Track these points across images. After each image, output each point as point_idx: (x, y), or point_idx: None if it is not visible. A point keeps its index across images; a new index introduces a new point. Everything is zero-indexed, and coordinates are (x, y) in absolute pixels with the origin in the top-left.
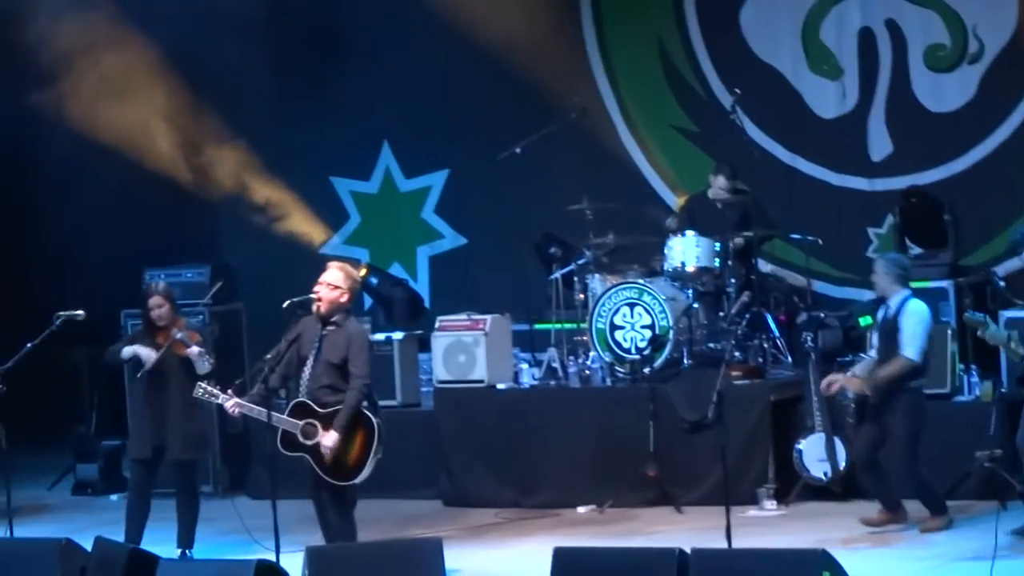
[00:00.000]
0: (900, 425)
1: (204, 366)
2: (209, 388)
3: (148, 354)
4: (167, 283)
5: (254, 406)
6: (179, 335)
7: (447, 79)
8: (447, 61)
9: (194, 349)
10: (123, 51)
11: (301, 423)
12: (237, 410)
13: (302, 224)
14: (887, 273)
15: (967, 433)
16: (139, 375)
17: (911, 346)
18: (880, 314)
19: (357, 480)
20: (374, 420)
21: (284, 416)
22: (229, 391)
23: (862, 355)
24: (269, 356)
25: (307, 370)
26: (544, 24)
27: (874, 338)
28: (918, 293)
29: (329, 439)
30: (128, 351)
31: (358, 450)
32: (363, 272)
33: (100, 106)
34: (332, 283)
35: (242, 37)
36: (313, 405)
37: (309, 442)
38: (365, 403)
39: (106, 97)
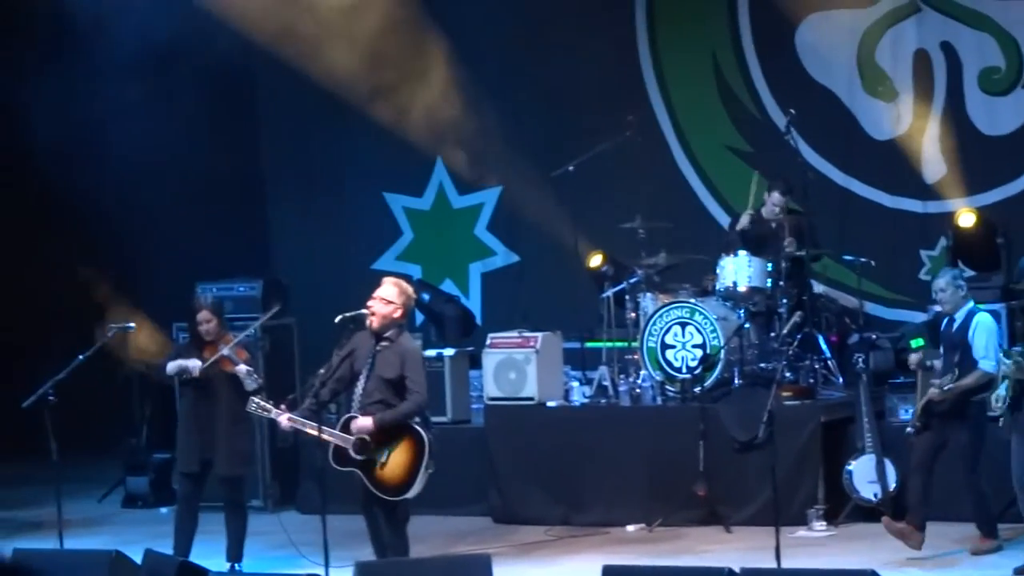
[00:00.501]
0: (966, 436)
1: (251, 384)
2: (262, 403)
3: (193, 364)
4: (216, 298)
5: (306, 421)
6: (226, 351)
7: (502, 96)
8: (501, 79)
9: (242, 367)
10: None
11: (353, 438)
12: (289, 425)
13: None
14: (955, 288)
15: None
16: (185, 388)
17: (988, 359)
18: (944, 327)
19: (408, 495)
20: (425, 435)
21: (336, 431)
22: (282, 406)
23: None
24: (322, 371)
25: (359, 386)
26: (599, 42)
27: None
28: None
29: (363, 421)
30: (172, 367)
31: (409, 465)
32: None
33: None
34: (386, 298)
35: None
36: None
37: (361, 457)
38: (417, 419)
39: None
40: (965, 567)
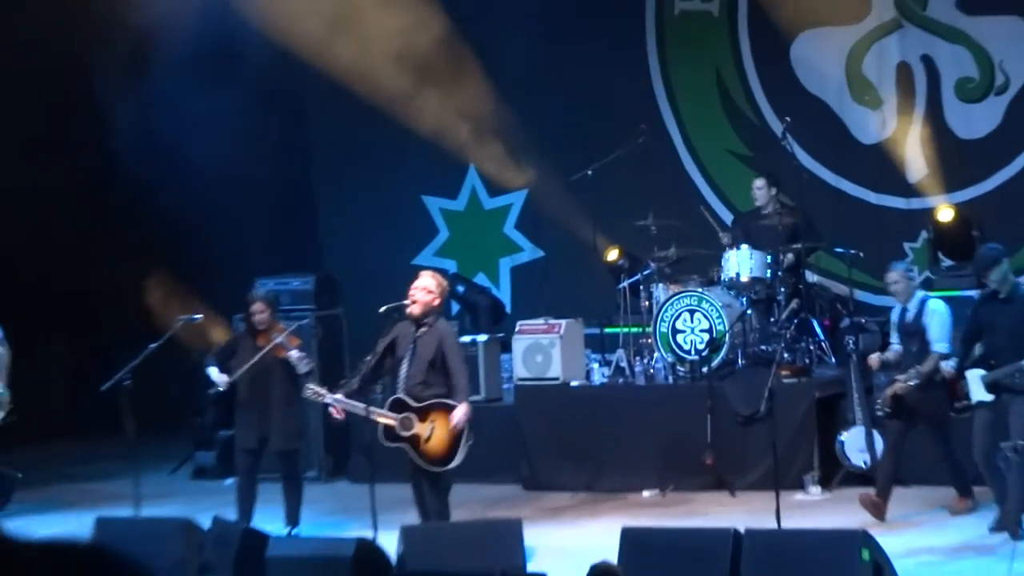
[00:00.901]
0: (936, 415)
1: (303, 367)
2: (316, 388)
3: (220, 378)
4: (268, 290)
5: (356, 403)
6: (279, 339)
7: (527, 109)
8: (527, 94)
9: (294, 353)
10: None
11: (400, 416)
12: (341, 407)
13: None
14: (907, 280)
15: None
16: (243, 374)
17: (942, 342)
18: (897, 316)
19: (452, 466)
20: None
21: (384, 411)
22: (337, 392)
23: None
24: (368, 357)
25: (403, 369)
26: (613, 59)
27: (894, 338)
28: (950, 302)
29: (460, 411)
30: (209, 371)
31: (451, 438)
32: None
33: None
34: (427, 288)
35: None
36: (409, 400)
37: (407, 433)
38: (453, 398)
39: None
40: (945, 526)
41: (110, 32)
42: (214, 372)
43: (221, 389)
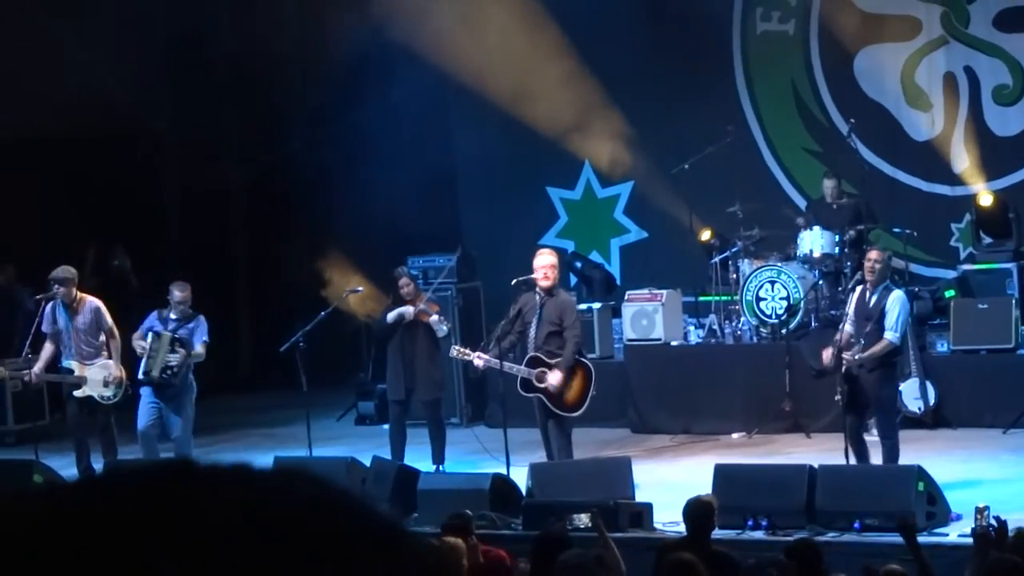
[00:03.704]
0: (881, 396)
1: (442, 329)
2: (461, 349)
3: (407, 310)
4: (408, 268)
5: (492, 359)
6: (422, 306)
7: (634, 113)
8: (633, 100)
9: (434, 317)
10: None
11: (535, 371)
12: (483, 364)
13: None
14: (886, 264)
15: None
16: (394, 335)
17: (895, 331)
18: (859, 298)
19: (580, 412)
20: (590, 367)
21: (522, 367)
22: (478, 352)
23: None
24: (503, 323)
25: (531, 332)
26: (705, 71)
27: (849, 319)
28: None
29: (554, 378)
30: (392, 315)
31: (580, 389)
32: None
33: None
34: (554, 265)
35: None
36: (543, 357)
37: (542, 385)
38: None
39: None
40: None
41: (288, 49)
42: (404, 309)
43: (411, 318)
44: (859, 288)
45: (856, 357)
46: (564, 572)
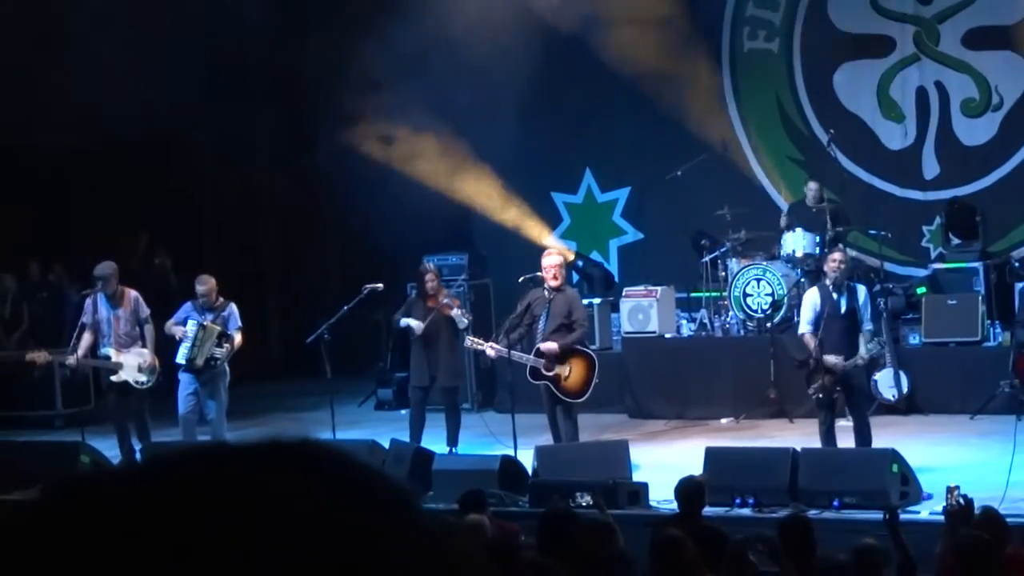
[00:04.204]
0: (864, 386)
1: (463, 322)
2: (476, 340)
3: (417, 325)
4: (436, 264)
5: (502, 349)
6: (444, 300)
7: (630, 123)
8: (629, 112)
9: (456, 311)
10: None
11: (543, 360)
12: (495, 354)
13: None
14: (848, 264)
15: (992, 368)
16: (425, 324)
17: (867, 322)
18: (823, 299)
19: (584, 398)
20: (594, 356)
21: (530, 356)
22: (490, 343)
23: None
24: (512, 316)
25: (540, 325)
26: (696, 85)
27: (808, 315)
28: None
29: (548, 345)
30: (403, 323)
31: (585, 376)
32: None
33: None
34: (561, 264)
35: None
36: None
37: (549, 373)
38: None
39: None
40: (958, 442)
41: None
42: (413, 322)
43: (418, 333)
44: (815, 288)
45: (858, 363)
46: (582, 535)
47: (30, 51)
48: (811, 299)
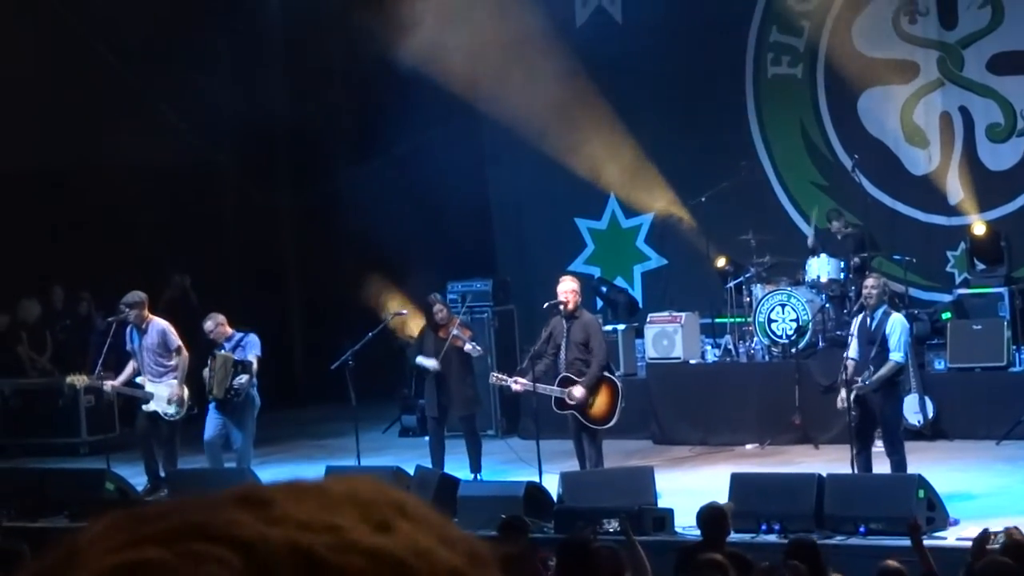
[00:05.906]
0: (889, 412)
1: (475, 352)
2: (500, 375)
3: (433, 364)
4: (440, 295)
5: (527, 382)
6: (455, 332)
7: (654, 151)
8: (653, 139)
9: (468, 346)
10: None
11: (568, 390)
12: (520, 388)
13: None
14: (882, 290)
15: (1018, 393)
16: (429, 357)
17: (899, 351)
18: (859, 324)
19: (610, 425)
20: (618, 383)
21: (554, 387)
22: (515, 377)
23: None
24: (536, 346)
25: (562, 353)
26: (720, 111)
27: (854, 342)
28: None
29: (577, 391)
30: (418, 361)
31: (609, 403)
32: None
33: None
34: (575, 290)
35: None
36: (573, 376)
37: (573, 403)
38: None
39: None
40: (984, 468)
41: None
42: (427, 360)
43: (435, 370)
44: (861, 314)
45: (867, 383)
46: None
47: (57, 80)
48: (854, 324)
